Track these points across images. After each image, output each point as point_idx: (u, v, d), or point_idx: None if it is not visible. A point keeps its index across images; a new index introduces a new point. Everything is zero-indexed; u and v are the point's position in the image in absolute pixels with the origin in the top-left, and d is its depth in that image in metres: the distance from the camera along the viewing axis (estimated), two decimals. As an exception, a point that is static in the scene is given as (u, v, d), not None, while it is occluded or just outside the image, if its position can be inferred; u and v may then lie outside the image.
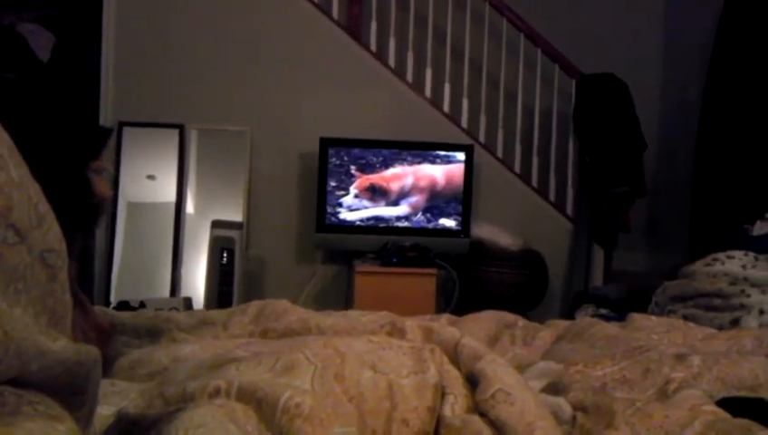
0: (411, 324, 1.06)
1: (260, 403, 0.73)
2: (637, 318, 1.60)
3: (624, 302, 3.41)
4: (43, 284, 0.60)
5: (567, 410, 1.03)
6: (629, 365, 1.22)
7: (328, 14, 4.23)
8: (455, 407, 0.84)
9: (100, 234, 4.08)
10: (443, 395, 0.86)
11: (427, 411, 0.82)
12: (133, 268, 4.12)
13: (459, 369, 0.91)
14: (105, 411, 0.85)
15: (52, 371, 0.57)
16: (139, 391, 0.94)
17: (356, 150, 4.09)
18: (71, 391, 0.61)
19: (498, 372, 0.88)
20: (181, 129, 4.13)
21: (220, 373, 0.81)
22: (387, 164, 4.09)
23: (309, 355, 0.81)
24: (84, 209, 1.15)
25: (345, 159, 4.07)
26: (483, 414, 0.85)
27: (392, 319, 1.13)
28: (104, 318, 1.15)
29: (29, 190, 0.62)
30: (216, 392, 0.77)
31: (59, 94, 4.38)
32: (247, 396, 0.75)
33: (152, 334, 1.55)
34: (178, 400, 0.77)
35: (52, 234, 0.63)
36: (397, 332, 1.08)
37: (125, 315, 1.78)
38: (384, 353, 0.85)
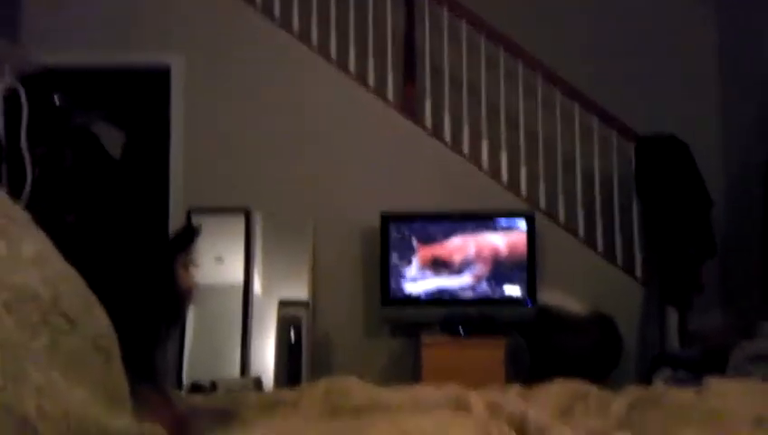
0: (476, 399, 1.06)
1: (329, 484, 0.74)
2: (713, 383, 1.55)
3: (701, 363, 3.28)
4: (99, 367, 0.64)
5: (643, 482, 1.01)
6: (707, 432, 1.18)
7: (383, 96, 4.36)
8: (524, 482, 0.84)
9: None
10: (512, 470, 0.86)
11: (495, 487, 0.81)
12: (204, 349, 4.19)
13: (527, 443, 0.91)
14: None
15: None
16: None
17: (417, 223, 4.12)
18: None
19: (566, 444, 0.87)
20: (247, 212, 4.25)
21: (290, 455, 0.83)
22: (448, 235, 4.11)
23: None
24: (169, 300, 1.22)
25: (406, 232, 4.11)
26: (553, 489, 0.84)
27: (458, 394, 1.13)
28: (183, 407, 1.19)
29: (74, 281, 0.66)
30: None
31: (131, 186, 4.59)
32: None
33: (224, 416, 1.58)
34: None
35: (101, 320, 0.67)
36: (462, 406, 1.08)
37: (198, 400, 1.81)
38: (450, 430, 0.86)
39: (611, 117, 4.43)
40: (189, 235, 1.31)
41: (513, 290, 4.08)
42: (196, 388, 3.67)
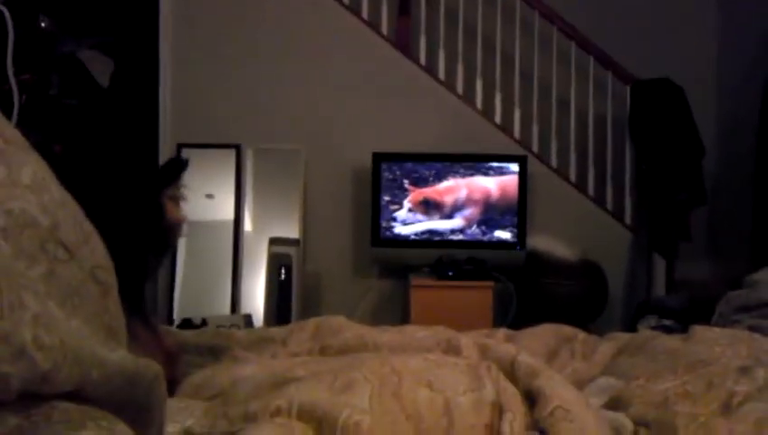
0: (467, 341, 1.07)
1: (320, 422, 0.75)
2: (699, 330, 1.57)
3: (687, 312, 3.31)
4: (96, 300, 0.63)
5: (628, 425, 1.02)
6: (692, 379, 1.20)
7: (377, 30, 4.27)
8: (513, 424, 0.84)
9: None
10: (501, 412, 0.87)
11: (484, 429, 0.82)
12: (194, 286, 4.21)
13: (516, 386, 0.91)
14: (170, 429, 0.88)
15: (112, 383, 0.59)
16: (204, 409, 0.96)
17: (409, 164, 4.10)
18: (134, 407, 0.63)
19: (556, 388, 0.87)
20: (238, 148, 4.21)
21: (280, 392, 0.83)
22: (440, 177, 4.10)
23: (366, 374, 0.82)
24: (156, 233, 1.20)
25: (398, 173, 4.09)
26: (542, 432, 0.85)
27: (448, 336, 1.14)
28: (172, 341, 1.19)
29: (73, 210, 0.65)
30: (278, 411, 0.79)
31: (120, 119, 4.53)
32: (307, 415, 0.76)
33: (214, 352, 1.59)
34: (241, 419, 0.79)
35: (99, 251, 0.66)
36: (453, 349, 1.08)
37: (188, 334, 1.82)
38: (440, 371, 0.86)
39: (608, 58, 4.37)
40: (177, 167, 1.29)
41: (503, 234, 4.09)
42: (186, 324, 3.70)
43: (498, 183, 4.09)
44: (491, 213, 4.09)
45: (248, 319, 3.90)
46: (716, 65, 4.82)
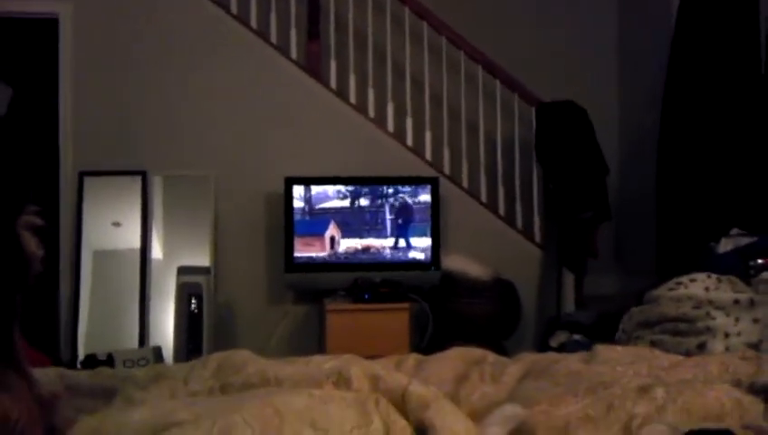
0: (358, 372, 1.04)
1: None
2: (601, 350, 1.59)
3: (596, 326, 3.40)
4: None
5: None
6: (593, 402, 1.20)
7: (287, 54, 4.23)
8: (403, 461, 0.82)
9: (64, 285, 4.01)
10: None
11: (372, 469, 0.79)
12: (101, 318, 4.04)
13: (407, 418, 0.89)
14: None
15: None
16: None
17: (322, 191, 4.07)
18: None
19: (446, 420, 0.85)
20: (144, 175, 4.08)
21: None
22: (353, 199, 4.09)
23: (247, 417, 0.78)
24: (16, 269, 1.09)
25: (311, 198, 4.06)
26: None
27: (339, 368, 1.10)
28: (48, 389, 1.10)
29: None
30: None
31: (18, 147, 4.32)
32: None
33: (108, 394, 1.51)
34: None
35: None
36: (343, 381, 1.05)
37: (83, 375, 1.73)
38: (326, 408, 0.83)
39: (514, 81, 4.47)
40: (23, 189, 1.17)
41: (417, 255, 4.10)
42: (91, 360, 3.53)
43: (412, 204, 4.12)
44: (405, 234, 4.10)
45: (158, 351, 3.76)
46: (617, 87, 5.00)
